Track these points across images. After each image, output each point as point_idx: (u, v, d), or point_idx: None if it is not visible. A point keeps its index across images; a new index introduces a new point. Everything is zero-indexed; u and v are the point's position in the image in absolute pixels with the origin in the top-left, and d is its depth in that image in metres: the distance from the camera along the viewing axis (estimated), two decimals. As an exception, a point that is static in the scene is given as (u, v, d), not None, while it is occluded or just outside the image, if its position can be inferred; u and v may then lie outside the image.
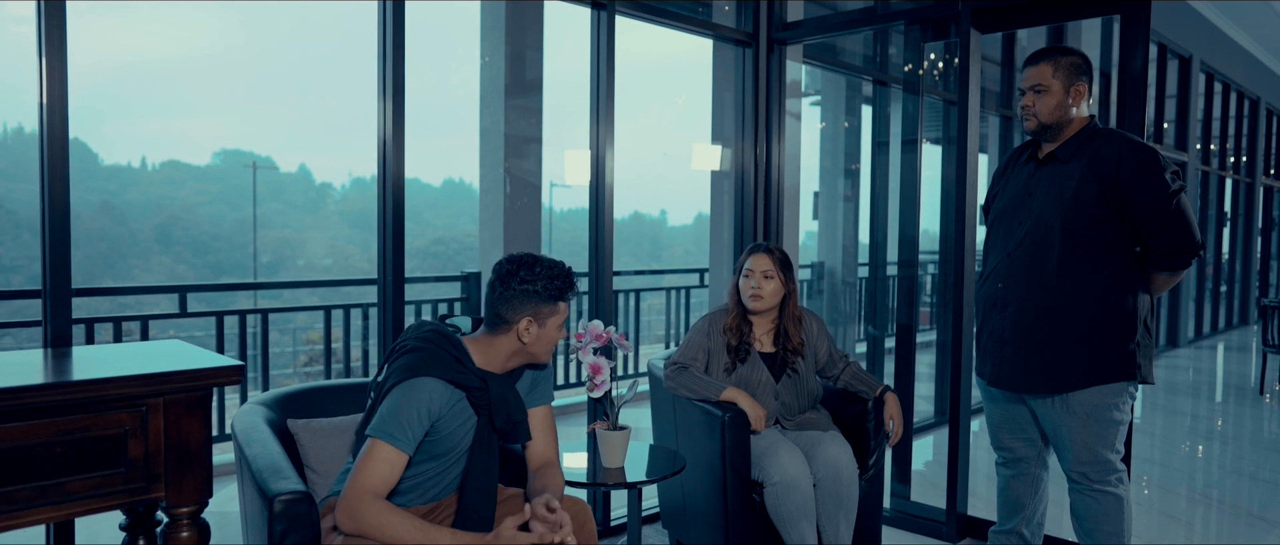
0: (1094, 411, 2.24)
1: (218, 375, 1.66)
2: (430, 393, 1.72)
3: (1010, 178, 2.44)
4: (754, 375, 2.60)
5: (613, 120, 3.22)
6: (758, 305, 2.59)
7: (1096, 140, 2.24)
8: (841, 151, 7.50)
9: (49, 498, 1.51)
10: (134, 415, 1.58)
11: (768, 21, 3.64)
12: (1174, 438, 5.00)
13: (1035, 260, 2.26)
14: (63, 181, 2.03)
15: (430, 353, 1.75)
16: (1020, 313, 2.29)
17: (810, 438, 2.58)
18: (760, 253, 2.62)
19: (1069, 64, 2.27)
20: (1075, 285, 2.21)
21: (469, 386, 1.77)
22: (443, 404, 1.73)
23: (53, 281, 2.03)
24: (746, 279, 2.60)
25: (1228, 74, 9.29)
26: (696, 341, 2.63)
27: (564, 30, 3.18)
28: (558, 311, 1.84)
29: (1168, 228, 2.14)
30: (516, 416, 1.82)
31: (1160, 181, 2.13)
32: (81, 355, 1.83)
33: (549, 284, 1.81)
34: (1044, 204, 2.27)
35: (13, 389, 1.45)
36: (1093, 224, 2.19)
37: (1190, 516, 3.54)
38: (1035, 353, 2.27)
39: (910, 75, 3.97)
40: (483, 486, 1.84)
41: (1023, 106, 2.32)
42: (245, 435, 1.99)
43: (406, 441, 1.69)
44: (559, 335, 1.86)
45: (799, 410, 2.65)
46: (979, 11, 3.02)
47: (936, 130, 5.22)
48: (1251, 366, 7.59)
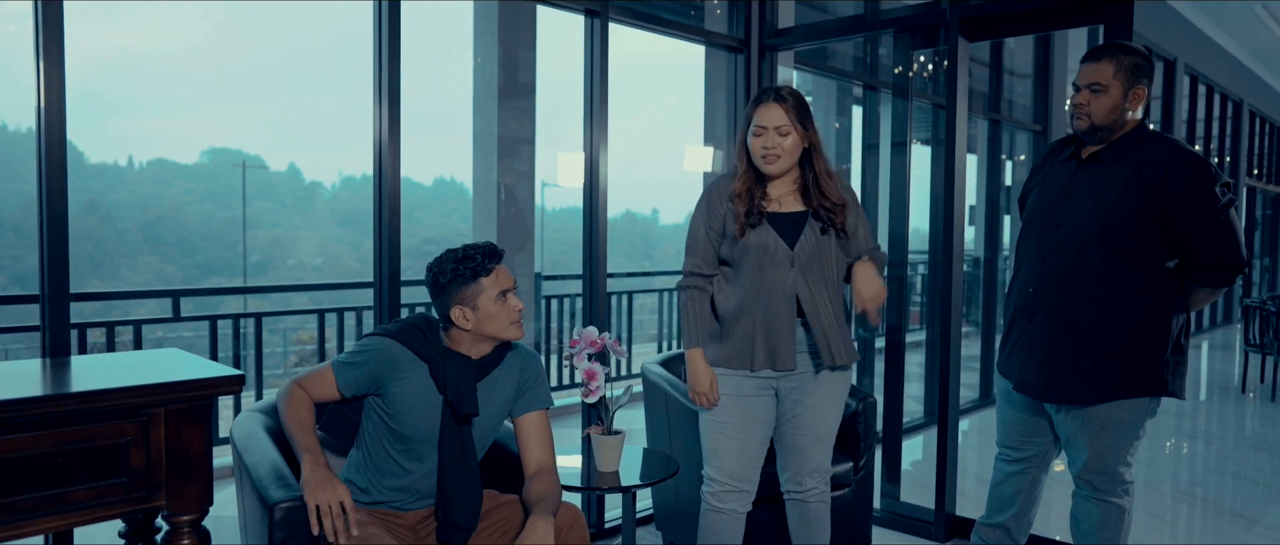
0: (1113, 425, 2.17)
1: (219, 385, 1.69)
2: (383, 348, 1.81)
3: (1049, 172, 2.30)
4: (763, 240, 2.12)
5: (607, 125, 3.25)
6: (773, 168, 2.12)
7: (1145, 145, 2.10)
8: (832, 153, 7.56)
9: (52, 507, 1.53)
10: (136, 425, 1.60)
11: (759, 28, 3.67)
12: (1158, 436, 5.07)
13: (1071, 268, 2.14)
14: (61, 189, 2.05)
15: (399, 327, 1.86)
16: (1051, 321, 2.18)
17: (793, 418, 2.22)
18: (771, 102, 2.11)
19: (1132, 64, 2.11)
20: (1111, 299, 2.09)
21: (427, 356, 1.82)
22: (392, 364, 1.80)
23: (51, 289, 2.04)
24: (757, 137, 2.12)
25: (1211, 76, 9.39)
26: (699, 237, 2.21)
27: (557, 32, 3.21)
28: (482, 288, 1.81)
29: (1213, 242, 2.02)
30: (463, 388, 1.82)
31: (1209, 194, 2.01)
32: (82, 365, 1.85)
33: (459, 268, 1.81)
34: (1084, 208, 2.13)
35: (18, 401, 1.47)
36: (1134, 234, 2.07)
37: (1174, 514, 3.60)
38: (1064, 364, 2.16)
39: (899, 79, 4.01)
40: (461, 484, 1.84)
41: (1075, 105, 2.14)
42: (244, 443, 2.01)
43: (346, 380, 1.80)
44: (503, 306, 1.84)
45: (818, 301, 2.13)
46: (966, 21, 3.07)
47: (926, 131, 5.27)
48: (1234, 365, 7.68)
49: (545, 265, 5.39)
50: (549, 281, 5.55)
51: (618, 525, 3.19)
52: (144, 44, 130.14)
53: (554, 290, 5.64)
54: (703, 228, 2.19)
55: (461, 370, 1.82)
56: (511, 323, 1.85)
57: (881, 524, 3.30)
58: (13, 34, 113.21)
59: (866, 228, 2.22)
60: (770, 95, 2.12)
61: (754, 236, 2.12)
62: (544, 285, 5.44)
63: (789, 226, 2.12)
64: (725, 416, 2.21)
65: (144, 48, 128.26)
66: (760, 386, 2.20)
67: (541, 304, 5.37)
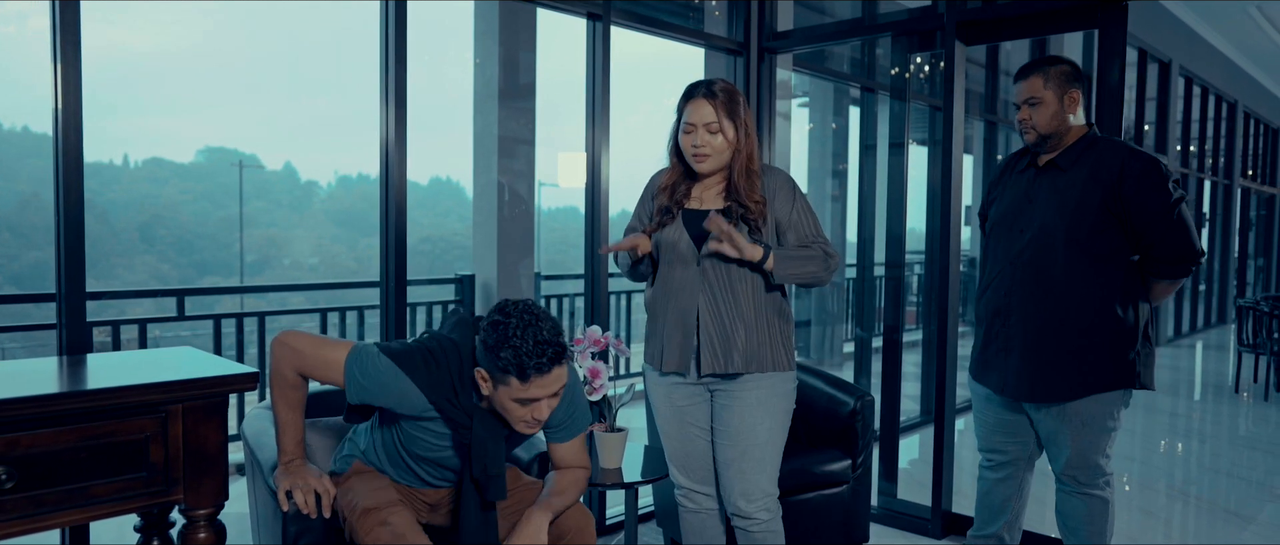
0: (1092, 419, 2.25)
1: (235, 382, 1.73)
2: (403, 393, 1.66)
3: (1008, 184, 2.42)
4: (673, 237, 2.04)
5: (608, 126, 3.29)
6: (704, 167, 2.01)
7: (1098, 148, 2.23)
8: (829, 153, 7.61)
9: (75, 501, 1.57)
10: (155, 421, 1.64)
11: (758, 31, 3.72)
12: (1153, 435, 5.12)
13: (1040, 269, 2.25)
14: (77, 190, 2.08)
15: (432, 365, 1.66)
16: (1026, 322, 2.28)
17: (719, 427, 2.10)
18: (701, 98, 1.99)
19: (1059, 73, 2.26)
20: (1080, 294, 2.20)
21: (454, 420, 1.67)
22: (409, 408, 1.68)
23: (68, 287, 2.08)
24: (686, 135, 2.01)
25: (1206, 78, 9.46)
26: (631, 225, 2.20)
27: (557, 31, 3.25)
28: (511, 388, 1.59)
29: (1170, 237, 2.14)
30: (493, 470, 1.65)
31: (1163, 191, 2.13)
32: (100, 363, 1.89)
33: (507, 356, 1.57)
34: (1046, 212, 2.25)
35: (42, 397, 1.51)
36: (1096, 232, 2.18)
37: (1168, 513, 3.65)
38: (1042, 362, 2.26)
39: (897, 81, 4.06)
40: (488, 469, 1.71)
41: (1020, 120, 2.30)
42: (256, 439, 2.05)
43: (355, 391, 1.68)
44: (521, 412, 1.63)
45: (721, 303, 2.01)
46: (963, 25, 3.11)
47: (922, 132, 5.32)
48: (1228, 365, 7.75)
49: (542, 265, 5.42)
50: (548, 281, 5.60)
51: (620, 522, 3.24)
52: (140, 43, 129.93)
53: (553, 290, 5.68)
54: (635, 218, 2.20)
55: (491, 445, 1.65)
56: (524, 422, 1.65)
57: (879, 521, 3.35)
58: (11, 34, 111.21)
59: (811, 222, 2.06)
60: (701, 90, 1.99)
61: (666, 233, 2.04)
62: (543, 285, 5.48)
63: (701, 224, 1.99)
64: (666, 427, 2.18)
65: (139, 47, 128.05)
66: (693, 393, 2.12)
67: (541, 304, 5.41)
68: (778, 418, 2.08)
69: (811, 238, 2.05)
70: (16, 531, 1.52)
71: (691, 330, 2.04)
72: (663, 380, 2.13)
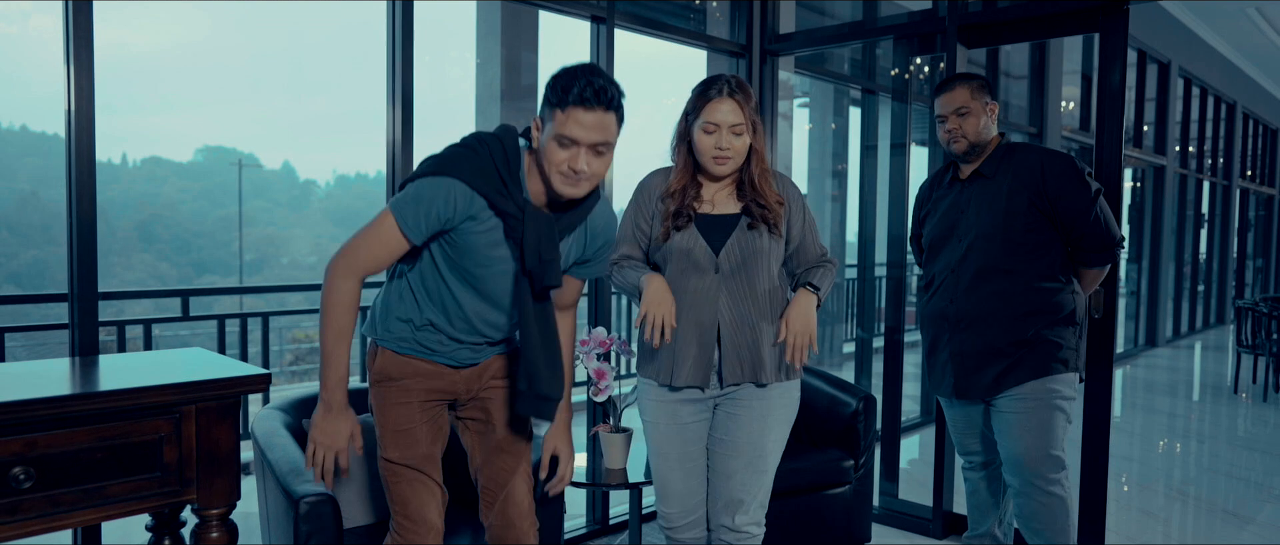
0: (1046, 397, 2.36)
1: (247, 383, 1.75)
2: (450, 192, 1.56)
3: (937, 202, 2.57)
4: (687, 244, 1.91)
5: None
6: (723, 168, 1.89)
7: (1016, 154, 2.41)
8: (829, 153, 7.63)
9: (91, 500, 1.59)
10: (169, 422, 1.66)
11: (761, 34, 3.74)
12: (1152, 436, 5.15)
13: (981, 270, 2.40)
14: (90, 192, 2.09)
15: (472, 156, 1.59)
16: (973, 324, 2.42)
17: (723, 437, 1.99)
18: (725, 97, 1.86)
19: (978, 84, 2.44)
20: (1022, 288, 2.36)
21: (503, 211, 1.58)
22: (463, 208, 1.57)
23: (81, 289, 2.09)
24: (707, 135, 1.87)
25: (1205, 79, 9.49)
26: (626, 231, 1.99)
27: (559, 31, 3.26)
28: (555, 120, 1.54)
29: (1094, 228, 2.32)
30: (547, 256, 1.58)
31: (1083, 186, 2.32)
32: (113, 364, 1.91)
33: (558, 82, 1.53)
34: (980, 218, 2.41)
35: (59, 398, 1.53)
36: (1027, 229, 2.35)
37: (1167, 513, 3.67)
38: (994, 358, 2.40)
39: (898, 82, 4.08)
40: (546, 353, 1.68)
41: (948, 131, 2.44)
42: (266, 439, 2.07)
43: (414, 229, 1.57)
44: (559, 157, 1.55)
45: (739, 313, 1.92)
46: (965, 28, 3.13)
47: (922, 132, 5.34)
48: (1227, 365, 7.78)
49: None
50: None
51: (624, 521, 3.26)
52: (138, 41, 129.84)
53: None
54: (630, 225, 1.99)
55: (544, 234, 1.58)
56: (560, 173, 1.56)
57: (880, 521, 3.37)
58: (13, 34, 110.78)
59: (815, 236, 2.01)
60: (724, 88, 1.86)
61: (678, 240, 1.91)
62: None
63: (717, 230, 1.91)
64: (665, 448, 2.00)
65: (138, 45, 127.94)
66: (697, 409, 1.99)
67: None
68: (785, 428, 2.00)
69: (818, 252, 2.00)
70: (35, 530, 1.54)
71: (711, 341, 1.92)
72: (669, 397, 1.97)
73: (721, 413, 2.00)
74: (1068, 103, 7.83)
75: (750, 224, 1.91)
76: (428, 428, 1.76)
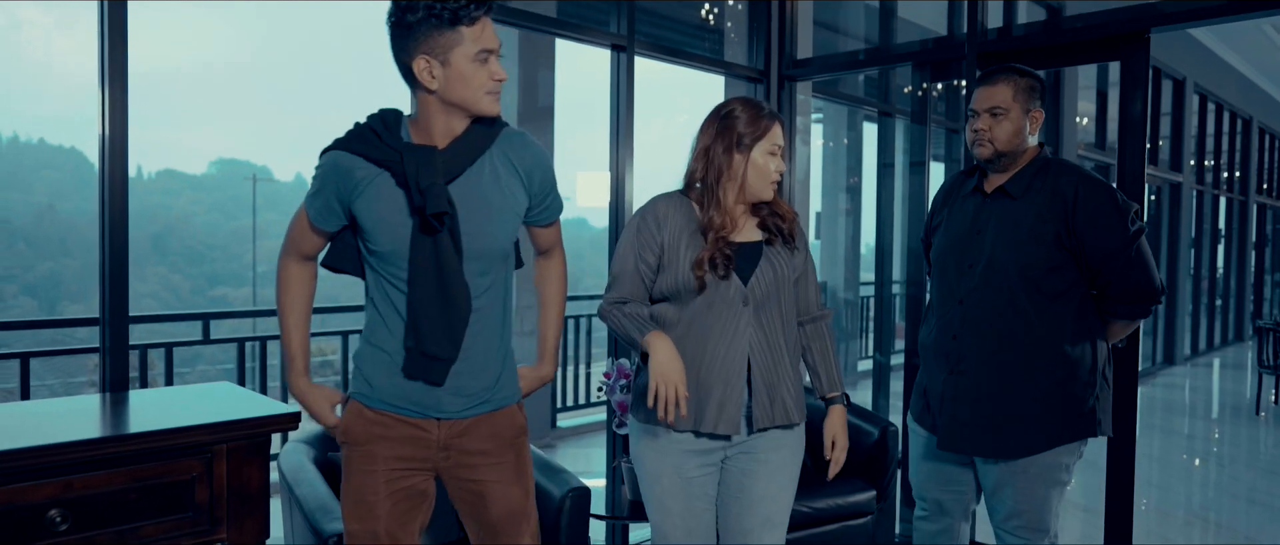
0: (1046, 472, 2.02)
1: (277, 422, 1.76)
2: (331, 163, 1.52)
3: (953, 210, 2.17)
4: (726, 295, 1.77)
5: (632, 151, 3.32)
6: (773, 192, 1.83)
7: (1050, 174, 2.01)
8: (843, 169, 7.64)
9: (126, 541, 1.60)
10: (201, 461, 1.68)
11: (779, 59, 3.75)
12: (1171, 459, 5.11)
13: (990, 308, 2.01)
14: (122, 214, 2.10)
15: (347, 133, 1.55)
16: (977, 371, 2.02)
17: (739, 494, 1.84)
18: (778, 121, 1.82)
19: (1027, 86, 2.03)
20: (1035, 336, 1.97)
21: (383, 159, 1.49)
22: (345, 178, 1.50)
23: (112, 320, 2.11)
24: (773, 157, 1.79)
25: (1220, 95, 9.45)
26: (627, 268, 1.81)
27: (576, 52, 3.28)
28: (461, 37, 1.44)
29: (1128, 274, 1.94)
30: (424, 182, 1.45)
31: (1120, 223, 1.94)
32: (144, 401, 1.93)
33: (433, 6, 1.42)
34: (996, 245, 2.01)
35: (95, 440, 1.55)
36: (1051, 269, 1.96)
37: (1186, 536, 3.64)
38: (993, 414, 2.01)
39: (914, 102, 4.09)
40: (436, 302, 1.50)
41: (975, 131, 2.04)
42: (294, 475, 2.09)
43: (315, 212, 1.55)
44: (481, 68, 1.47)
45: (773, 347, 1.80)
46: (984, 55, 3.14)
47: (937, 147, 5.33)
48: (1247, 385, 7.71)
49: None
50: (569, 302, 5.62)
51: (643, 549, 3.25)
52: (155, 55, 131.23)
53: (570, 311, 5.70)
54: (633, 258, 1.80)
55: (423, 163, 1.46)
56: (488, 92, 1.49)
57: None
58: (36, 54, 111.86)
59: (814, 275, 1.91)
60: (774, 113, 1.83)
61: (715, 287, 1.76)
62: (564, 306, 5.50)
63: (744, 259, 1.78)
64: (668, 502, 1.82)
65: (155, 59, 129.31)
66: (704, 461, 1.81)
67: (560, 323, 5.43)
68: (797, 476, 1.87)
69: (815, 297, 1.92)
70: (71, 574, 1.55)
71: (740, 381, 1.76)
72: (672, 447, 1.79)
73: (734, 467, 1.82)
74: (1082, 119, 7.81)
75: (768, 240, 1.82)
76: (391, 502, 1.56)
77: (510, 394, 1.65)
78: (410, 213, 1.49)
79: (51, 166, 48.71)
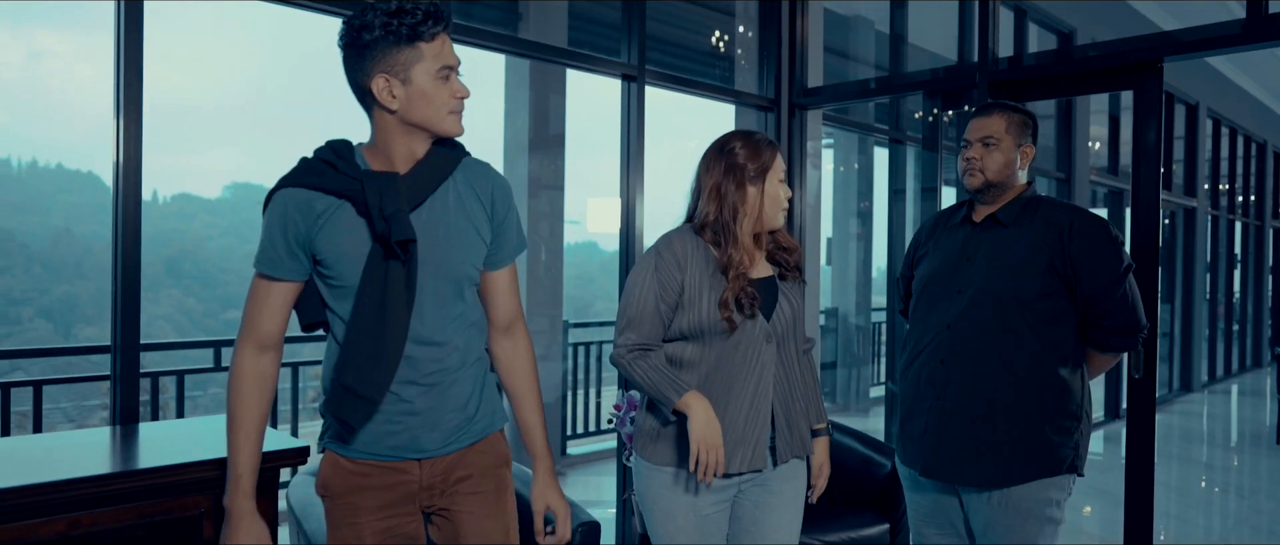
0: (1038, 507, 1.95)
1: (286, 457, 1.75)
2: (284, 202, 1.41)
3: (940, 240, 2.15)
4: (751, 333, 1.77)
5: (643, 175, 3.33)
6: (783, 220, 1.85)
7: (1042, 207, 2.03)
8: (854, 194, 7.63)
9: (131, 579, 1.59)
10: (209, 497, 1.67)
11: (789, 88, 3.76)
12: (1190, 488, 5.03)
13: (980, 333, 1.97)
14: (134, 249, 2.12)
15: (295, 169, 1.44)
16: (964, 394, 1.98)
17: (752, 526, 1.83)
18: (779, 151, 1.84)
19: (1020, 121, 2.06)
20: (1025, 360, 1.95)
21: (341, 189, 1.40)
22: (304, 214, 1.40)
23: (123, 349, 2.12)
24: (782, 184, 1.82)
25: (1234, 119, 9.41)
26: (646, 310, 1.75)
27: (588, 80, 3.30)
28: (421, 54, 1.39)
29: (1120, 306, 1.94)
30: (388, 209, 1.37)
31: (1115, 256, 1.94)
32: (152, 434, 1.92)
33: (391, 24, 1.37)
34: (988, 271, 2.00)
35: (102, 477, 1.54)
36: (1044, 294, 1.95)
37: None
38: (980, 440, 1.96)
39: (925, 128, 4.08)
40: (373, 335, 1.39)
41: (968, 159, 2.05)
42: (302, 509, 2.07)
43: (270, 262, 1.41)
44: (443, 86, 1.42)
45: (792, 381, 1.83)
46: (996, 84, 3.13)
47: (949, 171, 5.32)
48: (1266, 412, 7.60)
49: (568, 309, 5.43)
50: (576, 329, 5.61)
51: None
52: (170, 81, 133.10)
53: (580, 337, 5.69)
54: (653, 300, 1.74)
55: (386, 189, 1.39)
56: (451, 111, 1.44)
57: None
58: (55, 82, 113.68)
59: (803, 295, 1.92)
60: (773, 141, 1.84)
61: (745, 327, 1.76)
62: (572, 333, 5.50)
63: (764, 296, 1.79)
64: (682, 540, 1.77)
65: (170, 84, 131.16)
66: (719, 498, 1.78)
67: (568, 351, 5.42)
68: (804, 501, 1.89)
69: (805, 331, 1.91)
70: (76, 613, 1.54)
71: (765, 417, 1.76)
72: (687, 485, 1.76)
73: (747, 500, 1.81)
74: (1095, 143, 7.78)
75: (781, 275, 1.84)
76: None
77: (490, 423, 1.56)
78: (373, 240, 1.40)
79: (69, 190, 49.23)
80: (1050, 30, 6.16)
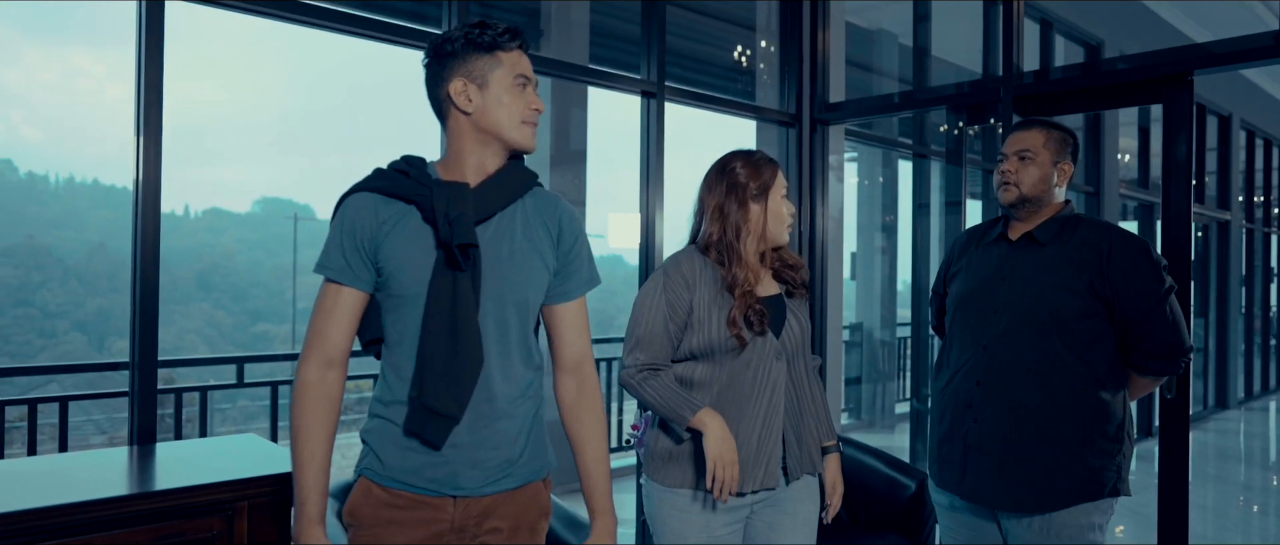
0: (1079, 532, 1.91)
1: (300, 479, 1.74)
2: (353, 207, 1.41)
3: (974, 258, 2.11)
4: (762, 351, 1.76)
5: (662, 190, 3.32)
6: (786, 236, 1.85)
7: (1081, 227, 1.98)
8: (878, 208, 7.56)
9: (145, 601, 1.59)
10: (223, 519, 1.67)
11: (811, 103, 3.73)
12: (1226, 509, 4.90)
13: (1017, 354, 1.93)
14: (154, 269, 2.14)
15: (371, 173, 1.47)
16: (1003, 417, 1.94)
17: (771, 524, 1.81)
18: (779, 168, 1.84)
19: (1059, 138, 2.02)
20: (1064, 383, 1.91)
21: (411, 194, 1.40)
22: (371, 219, 1.40)
23: (141, 366, 2.13)
24: (787, 199, 1.84)
25: (1268, 130, 9.23)
26: (655, 330, 1.75)
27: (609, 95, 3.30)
28: (500, 62, 1.43)
29: (1161, 328, 1.89)
30: (453, 214, 1.36)
31: (1155, 278, 1.90)
32: (169, 455, 1.93)
33: (474, 35, 1.42)
34: (1026, 290, 1.95)
35: (116, 499, 1.54)
36: (1083, 315, 1.91)
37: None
38: (1021, 464, 1.91)
39: (949, 142, 4.03)
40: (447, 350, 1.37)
41: (1002, 172, 2.02)
42: (318, 529, 2.06)
43: (337, 269, 1.40)
44: (520, 95, 1.44)
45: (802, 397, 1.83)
46: (1021, 98, 3.08)
47: (974, 184, 5.26)
48: (1305, 429, 7.41)
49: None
50: (596, 345, 5.59)
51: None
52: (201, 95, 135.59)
53: (601, 353, 5.67)
54: (662, 320, 1.74)
55: (454, 196, 1.38)
56: (524, 121, 1.45)
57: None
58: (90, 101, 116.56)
59: None
60: (773, 159, 1.84)
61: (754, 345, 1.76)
62: (594, 348, 5.47)
63: (772, 313, 1.79)
64: None
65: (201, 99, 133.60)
66: (732, 519, 1.77)
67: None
68: (817, 517, 1.87)
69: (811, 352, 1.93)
70: (89, 636, 1.54)
71: (777, 435, 1.77)
72: (701, 506, 1.75)
73: (761, 522, 1.79)
74: (1124, 155, 7.66)
75: (788, 292, 1.84)
76: None
77: (537, 468, 1.49)
78: (436, 247, 1.38)
79: (104, 205, 50.22)
80: (1078, 42, 6.08)
